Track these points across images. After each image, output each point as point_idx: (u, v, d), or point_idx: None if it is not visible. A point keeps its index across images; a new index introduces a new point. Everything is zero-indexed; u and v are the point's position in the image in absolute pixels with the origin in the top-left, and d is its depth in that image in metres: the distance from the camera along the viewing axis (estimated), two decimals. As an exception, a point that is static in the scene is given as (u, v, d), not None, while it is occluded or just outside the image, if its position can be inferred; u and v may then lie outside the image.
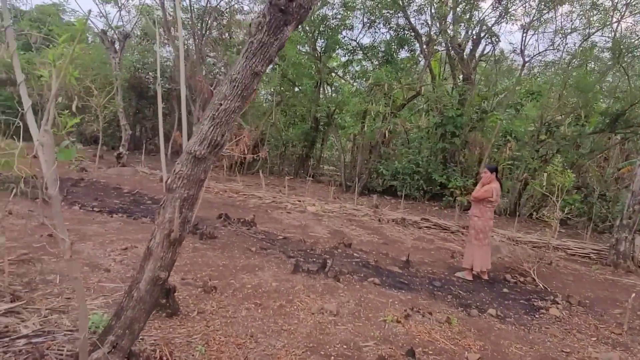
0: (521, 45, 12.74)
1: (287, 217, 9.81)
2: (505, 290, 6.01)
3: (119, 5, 14.82)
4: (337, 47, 15.27)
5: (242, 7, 17.10)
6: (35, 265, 4.53)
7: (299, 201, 11.22)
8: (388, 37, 14.12)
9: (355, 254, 7.02)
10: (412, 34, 13.64)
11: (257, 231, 7.71)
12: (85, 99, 17.35)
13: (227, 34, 16.59)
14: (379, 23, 13.99)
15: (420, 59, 14.48)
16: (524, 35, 12.69)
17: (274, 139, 17.00)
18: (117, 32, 14.04)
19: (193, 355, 3.08)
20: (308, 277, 5.26)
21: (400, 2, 12.85)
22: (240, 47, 16.54)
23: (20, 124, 2.49)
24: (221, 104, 2.21)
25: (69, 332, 3.11)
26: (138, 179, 12.61)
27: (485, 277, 6.40)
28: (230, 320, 3.81)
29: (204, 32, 15.84)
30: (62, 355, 2.65)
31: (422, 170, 12.81)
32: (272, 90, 15.88)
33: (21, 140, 2.54)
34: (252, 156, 12.46)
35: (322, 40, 16.78)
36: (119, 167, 13.27)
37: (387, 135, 12.71)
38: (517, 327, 4.62)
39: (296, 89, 16.03)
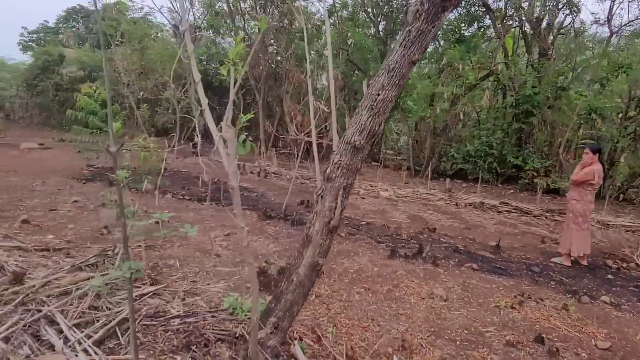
0: (608, 14, 11.84)
1: (362, 202, 9.86)
2: (609, 276, 5.73)
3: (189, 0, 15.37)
4: (400, 28, 14.95)
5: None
6: (158, 250, 4.86)
7: (371, 186, 11.22)
8: (456, 14, 13.60)
9: (442, 239, 6.95)
10: (483, 9, 13.06)
11: (340, 217, 7.81)
12: (159, 91, 18.23)
13: (287, 21, 16.67)
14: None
15: (491, 35, 13.85)
16: (612, 3, 11.77)
17: (339, 124, 17.04)
18: (190, 26, 14.52)
19: (327, 336, 3.21)
20: (406, 262, 5.29)
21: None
22: (299, 34, 16.66)
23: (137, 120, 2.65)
24: (379, 94, 2.24)
25: (209, 313, 3.34)
26: (215, 168, 13.11)
27: (585, 262, 6.13)
28: (347, 303, 3.92)
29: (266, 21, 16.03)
30: (217, 334, 2.85)
31: (495, 152, 12.36)
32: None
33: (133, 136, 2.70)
34: (322, 142, 12.57)
35: (384, 22, 16.49)
36: (194, 157, 13.87)
37: (461, 117, 12.35)
38: (635, 315, 4.41)
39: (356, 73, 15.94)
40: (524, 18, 12.33)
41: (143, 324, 3.06)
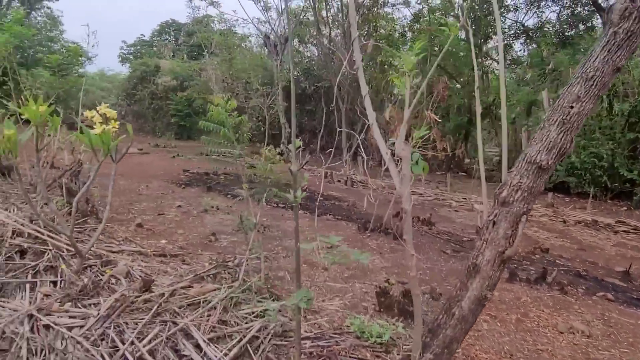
0: None
1: (457, 215, 9.34)
2: None
3: (280, 11, 15.75)
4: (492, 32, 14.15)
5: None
6: (269, 262, 4.82)
7: (464, 198, 10.63)
8: (557, 15, 12.60)
9: (557, 261, 6.31)
10: (590, 8, 11.95)
11: (439, 231, 7.41)
12: (245, 98, 18.83)
13: (371, 28, 16.50)
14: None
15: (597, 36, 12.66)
16: None
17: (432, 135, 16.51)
18: (279, 36, 14.92)
19: (467, 372, 2.90)
20: (529, 287, 4.80)
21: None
22: (383, 41, 16.36)
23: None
24: (572, 107, 1.93)
25: (336, 335, 3.16)
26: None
27: None
28: (477, 333, 3.57)
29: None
30: (355, 362, 2.66)
31: (605, 165, 11.18)
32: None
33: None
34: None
35: (474, 27, 15.74)
36: (281, 164, 14.05)
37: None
38: None
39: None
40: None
41: (273, 343, 2.96)
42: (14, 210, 5.16)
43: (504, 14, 13.67)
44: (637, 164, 11.04)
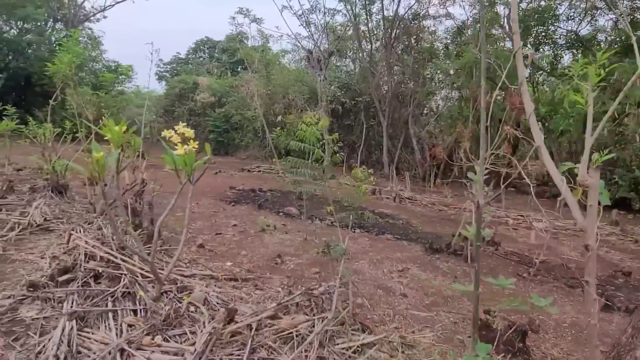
0: None
1: (516, 234, 8.87)
2: None
3: (322, 27, 15.74)
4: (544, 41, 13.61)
5: (427, 12, 16.59)
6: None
7: (521, 216, 10.12)
8: (613, 23, 12.02)
9: (645, 287, 5.80)
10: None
11: (506, 252, 6.98)
12: (283, 115, 18.81)
13: (413, 40, 16.24)
14: (602, 7, 11.94)
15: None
16: None
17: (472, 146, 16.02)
18: (322, 51, 14.87)
19: None
20: (629, 317, 4.35)
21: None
22: (426, 53, 16.05)
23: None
24: None
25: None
26: (345, 191, 12.96)
27: None
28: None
29: (392, 42, 15.79)
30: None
31: (672, 180, 10.47)
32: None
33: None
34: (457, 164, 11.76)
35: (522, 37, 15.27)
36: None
37: (629, 137, 10.72)
38: None
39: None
40: None
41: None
42: (80, 230, 5.10)
43: (554, 24, 13.16)
44: None
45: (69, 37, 9.86)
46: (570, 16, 13.16)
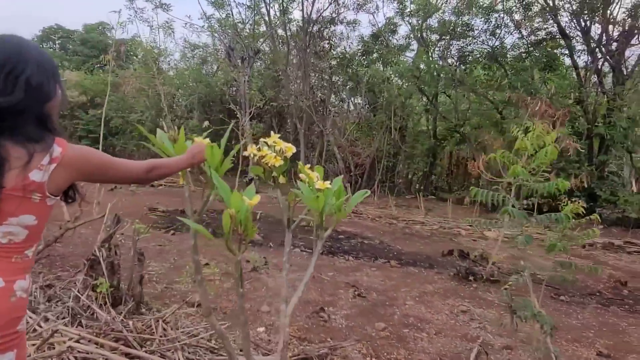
0: None
1: (485, 245, 8.71)
2: None
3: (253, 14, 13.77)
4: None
5: (344, 17, 16.17)
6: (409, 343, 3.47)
7: (470, 226, 10.11)
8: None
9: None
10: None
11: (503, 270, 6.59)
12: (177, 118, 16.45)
13: (327, 45, 15.63)
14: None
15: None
16: None
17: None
18: (247, 47, 12.97)
19: None
20: None
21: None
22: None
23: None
24: None
25: None
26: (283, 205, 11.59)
27: None
28: None
29: (307, 45, 14.87)
30: None
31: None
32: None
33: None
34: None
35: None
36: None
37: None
38: None
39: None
40: None
41: None
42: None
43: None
44: None
45: None
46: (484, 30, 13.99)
